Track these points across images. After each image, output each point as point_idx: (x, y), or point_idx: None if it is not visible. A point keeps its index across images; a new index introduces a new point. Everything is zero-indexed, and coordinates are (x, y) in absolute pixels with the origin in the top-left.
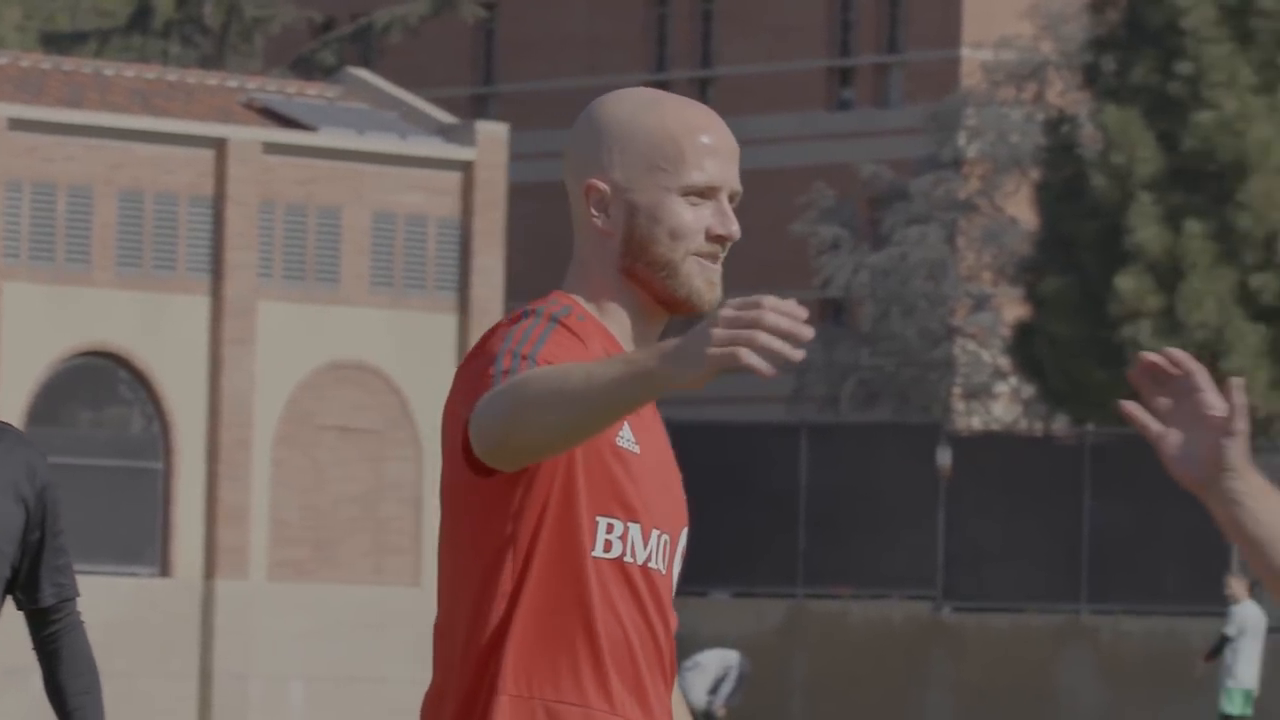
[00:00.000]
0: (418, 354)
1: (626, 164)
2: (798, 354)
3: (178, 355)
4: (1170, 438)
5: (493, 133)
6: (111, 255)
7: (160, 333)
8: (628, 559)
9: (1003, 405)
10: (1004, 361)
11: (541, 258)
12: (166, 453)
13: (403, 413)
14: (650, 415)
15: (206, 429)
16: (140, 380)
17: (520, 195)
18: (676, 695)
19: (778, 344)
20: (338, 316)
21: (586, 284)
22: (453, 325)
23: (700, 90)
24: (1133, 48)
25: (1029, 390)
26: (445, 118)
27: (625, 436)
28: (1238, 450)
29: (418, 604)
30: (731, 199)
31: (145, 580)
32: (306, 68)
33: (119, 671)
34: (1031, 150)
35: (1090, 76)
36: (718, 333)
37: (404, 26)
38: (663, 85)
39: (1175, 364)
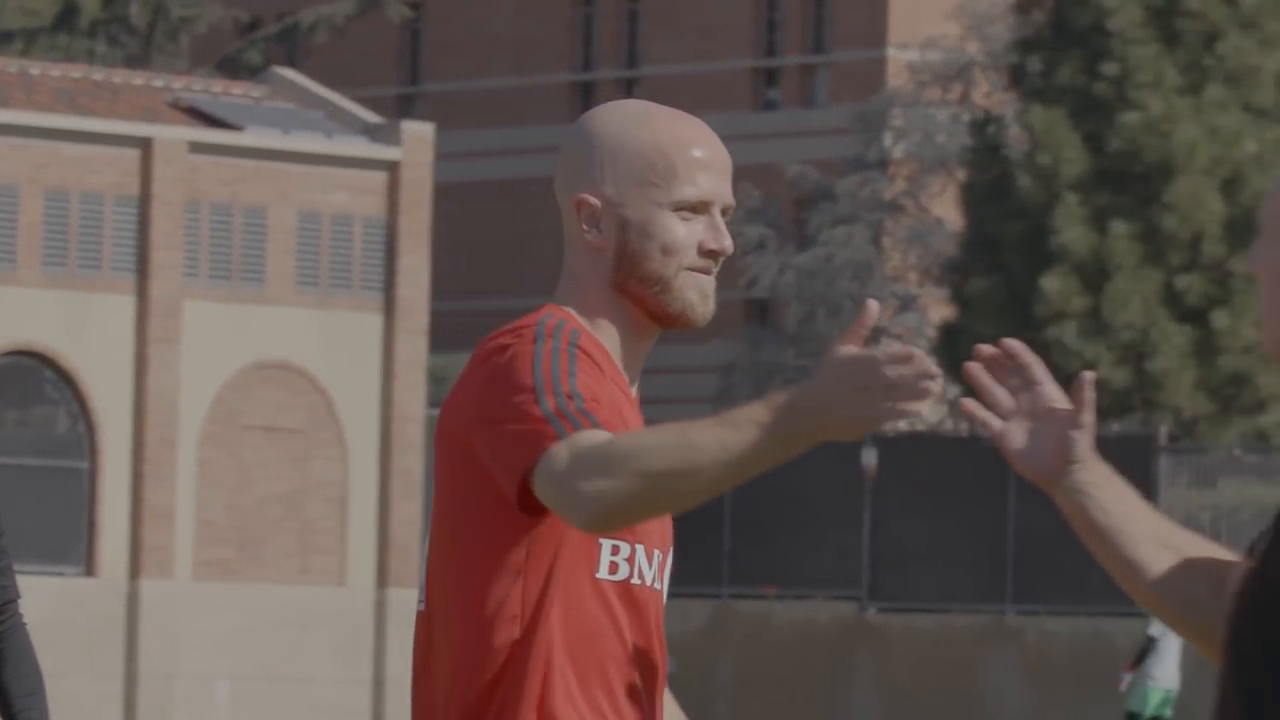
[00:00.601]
0: (343, 354)
1: (618, 178)
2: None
3: (103, 355)
4: (1013, 433)
5: (418, 132)
6: (37, 254)
7: (86, 332)
8: (634, 581)
9: (928, 406)
10: (930, 362)
11: (467, 257)
12: (92, 452)
13: (328, 412)
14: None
15: (132, 429)
16: (66, 380)
17: (446, 195)
18: (671, 706)
19: (925, 395)
20: (263, 316)
21: (579, 298)
22: (378, 325)
23: (626, 90)
24: (1058, 48)
25: (955, 391)
26: (371, 117)
27: None
28: (1085, 443)
29: (343, 603)
30: (724, 213)
31: (71, 580)
32: (232, 67)
33: (44, 671)
34: (957, 151)
35: (1016, 77)
36: (884, 386)
37: (330, 26)
38: (588, 85)
39: (1011, 356)
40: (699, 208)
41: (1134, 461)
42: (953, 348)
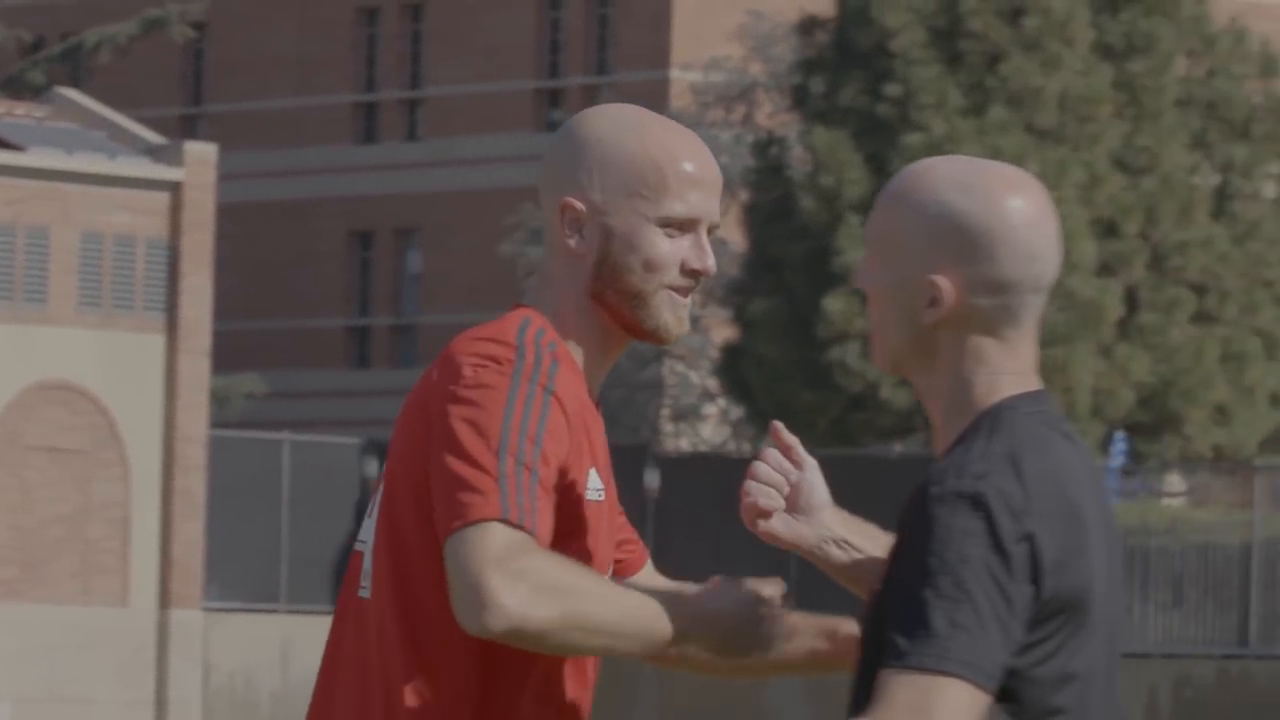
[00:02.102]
0: (126, 374)
1: (606, 186)
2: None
3: None
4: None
5: (201, 153)
6: None
7: None
8: None
9: (711, 427)
10: (712, 383)
11: (250, 278)
12: None
13: (110, 433)
14: (604, 447)
15: None
16: None
17: (228, 215)
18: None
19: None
20: (45, 337)
21: (552, 302)
22: (161, 345)
23: (409, 111)
24: (841, 70)
25: (737, 412)
26: (154, 138)
27: (594, 486)
28: (820, 486)
29: (125, 624)
30: (710, 231)
31: None
32: (15, 87)
33: None
34: (740, 171)
35: (799, 98)
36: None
37: (113, 46)
38: (372, 106)
39: (774, 434)
40: (686, 225)
41: (915, 482)
42: (735, 369)
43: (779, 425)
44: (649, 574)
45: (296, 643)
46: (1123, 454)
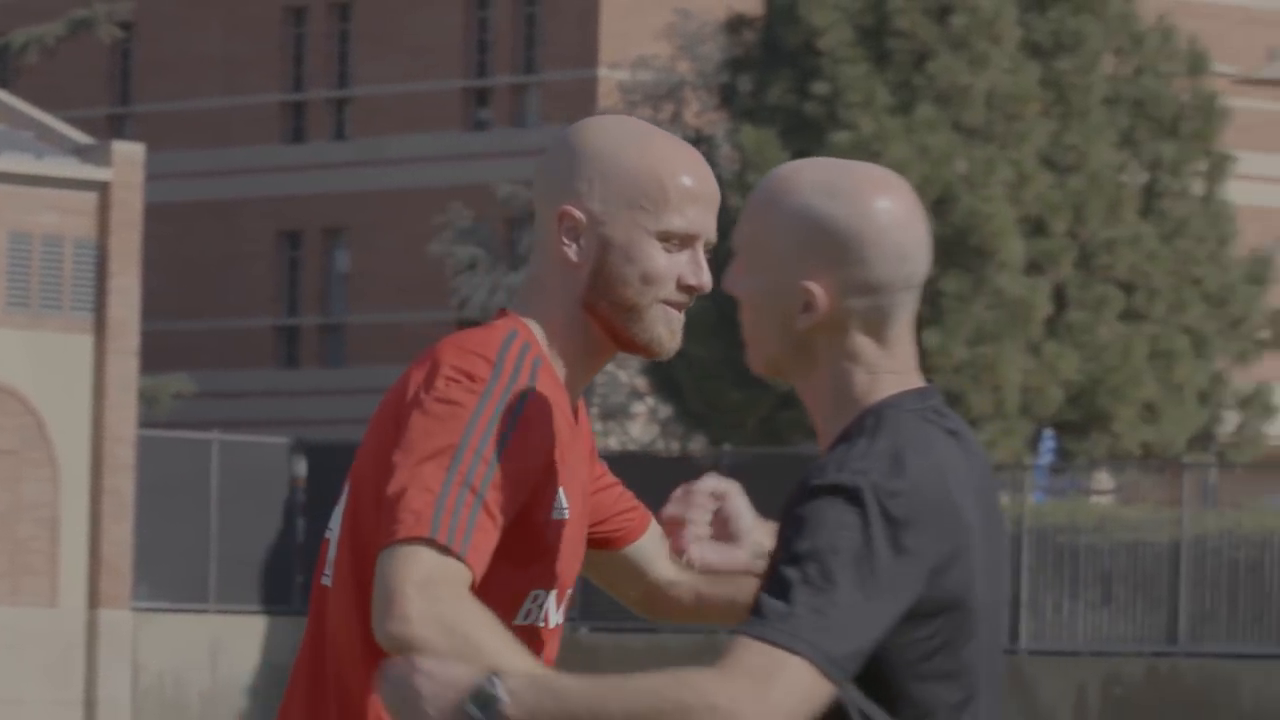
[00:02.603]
0: (54, 374)
1: (606, 196)
2: None
3: None
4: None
5: (129, 153)
6: None
7: None
8: (540, 624)
9: (640, 426)
10: (641, 382)
11: (178, 278)
12: None
13: (39, 433)
14: (581, 461)
15: None
16: None
17: (156, 215)
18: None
19: None
20: None
21: (542, 309)
22: (89, 346)
23: (338, 110)
24: (769, 68)
25: (666, 411)
26: (81, 138)
27: (560, 506)
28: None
29: (53, 625)
30: (706, 248)
31: None
32: None
33: None
34: None
35: (727, 97)
36: None
37: (40, 46)
38: (300, 105)
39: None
40: (685, 240)
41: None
42: (664, 368)
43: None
44: (652, 539)
45: (225, 643)
46: (1051, 452)
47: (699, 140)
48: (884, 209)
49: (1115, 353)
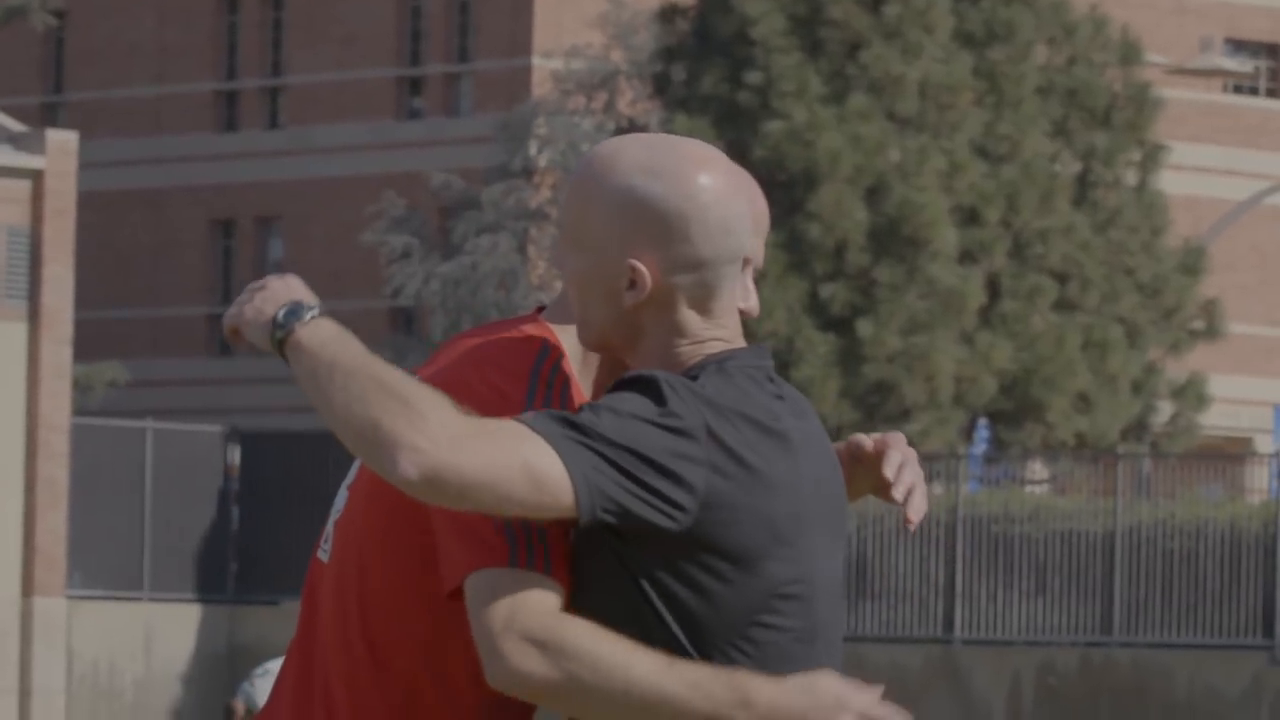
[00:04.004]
0: None
1: None
2: None
3: None
4: None
5: (62, 141)
6: None
7: None
8: None
9: None
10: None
11: (110, 266)
12: None
13: None
14: None
15: None
16: None
17: (89, 204)
18: None
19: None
20: None
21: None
22: (22, 333)
23: (270, 99)
24: (702, 57)
25: None
26: (15, 126)
27: None
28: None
29: None
30: (754, 271)
31: None
32: None
33: None
34: None
35: (660, 86)
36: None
37: None
38: (232, 94)
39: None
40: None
41: None
42: None
43: None
44: None
45: (159, 630)
46: (985, 441)
47: (632, 129)
48: (706, 186)
49: (1049, 342)
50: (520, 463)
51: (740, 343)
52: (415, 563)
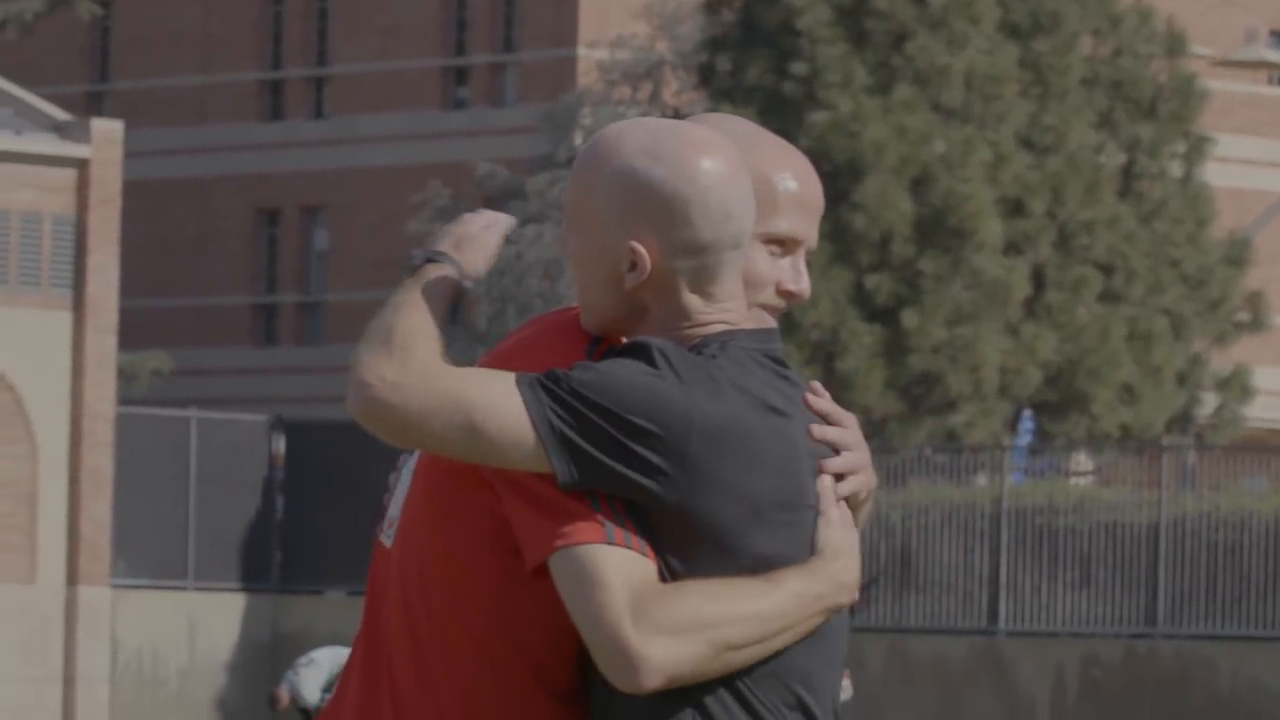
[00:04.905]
0: (32, 351)
1: None
2: None
3: None
4: None
5: (108, 130)
6: None
7: None
8: None
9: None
10: None
11: (154, 255)
12: None
13: (17, 410)
14: None
15: None
16: None
17: (134, 193)
18: None
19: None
20: None
21: None
22: (67, 323)
23: (315, 88)
24: (747, 48)
25: None
26: (60, 115)
27: None
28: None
29: (31, 601)
30: (807, 254)
31: None
32: None
33: None
34: None
35: (705, 76)
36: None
37: (19, 23)
38: (277, 84)
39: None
40: (788, 244)
41: None
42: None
43: None
44: None
45: (203, 620)
46: (1030, 433)
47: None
48: (707, 170)
49: (1093, 334)
50: (469, 407)
51: (746, 325)
52: (477, 542)
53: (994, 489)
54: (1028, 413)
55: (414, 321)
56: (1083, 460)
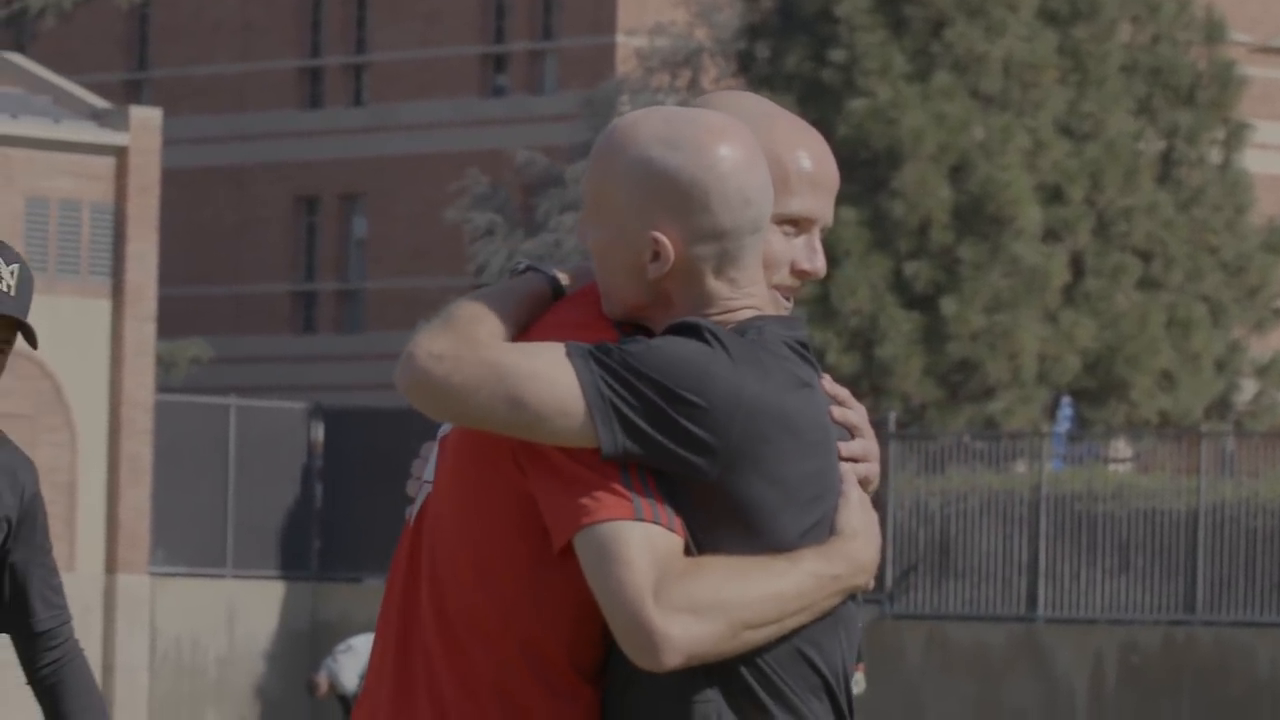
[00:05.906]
0: (71, 339)
1: None
2: None
3: None
4: None
5: (146, 118)
6: None
7: None
8: None
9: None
10: None
11: (193, 243)
12: None
13: (56, 398)
14: None
15: None
16: None
17: (173, 181)
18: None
19: None
20: None
21: None
22: (106, 310)
23: (354, 76)
24: (786, 35)
25: None
26: (99, 102)
27: None
28: None
29: (71, 589)
30: (822, 233)
31: None
32: None
33: None
34: None
35: (744, 64)
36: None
37: (58, 11)
38: (316, 71)
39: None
40: (803, 224)
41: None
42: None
43: None
44: None
45: (242, 607)
46: (1069, 420)
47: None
48: (725, 156)
49: (1132, 321)
50: (515, 377)
51: (770, 310)
52: (506, 523)
53: (1033, 476)
54: (1066, 399)
55: (482, 309)
56: (1121, 447)
